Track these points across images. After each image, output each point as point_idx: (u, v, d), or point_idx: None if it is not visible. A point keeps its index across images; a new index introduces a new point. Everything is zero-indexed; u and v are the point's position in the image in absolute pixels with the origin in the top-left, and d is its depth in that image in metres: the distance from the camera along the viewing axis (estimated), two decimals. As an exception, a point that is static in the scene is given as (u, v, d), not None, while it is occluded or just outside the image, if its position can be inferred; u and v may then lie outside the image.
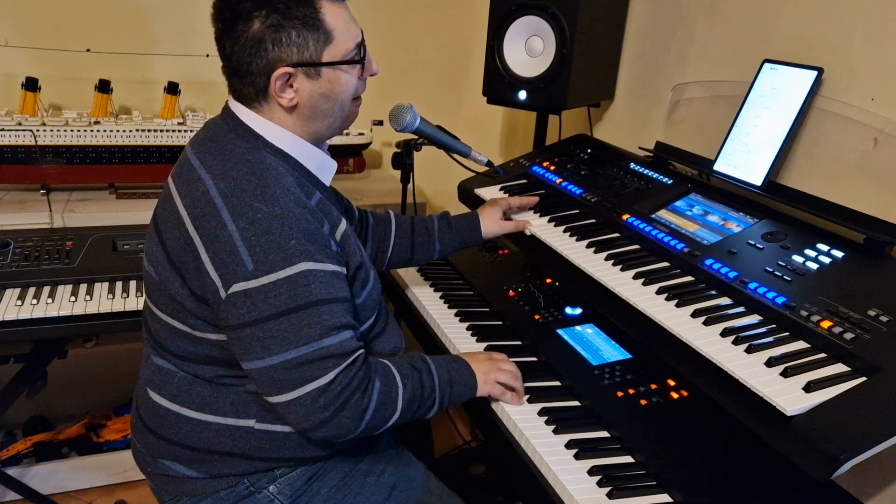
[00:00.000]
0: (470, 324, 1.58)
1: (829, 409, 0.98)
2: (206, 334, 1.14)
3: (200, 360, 1.18)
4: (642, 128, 2.05)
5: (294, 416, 1.09)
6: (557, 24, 1.85)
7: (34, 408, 2.33)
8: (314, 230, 1.10)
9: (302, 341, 1.05)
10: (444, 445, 2.38)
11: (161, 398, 1.21)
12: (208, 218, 1.07)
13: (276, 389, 1.07)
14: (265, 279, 1.04)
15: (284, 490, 1.21)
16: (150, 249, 1.19)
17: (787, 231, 1.36)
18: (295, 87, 1.12)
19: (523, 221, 1.64)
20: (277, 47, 1.08)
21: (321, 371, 1.06)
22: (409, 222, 1.61)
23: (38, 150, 2.11)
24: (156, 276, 1.16)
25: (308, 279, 1.06)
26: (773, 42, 1.63)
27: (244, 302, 1.05)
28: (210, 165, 1.12)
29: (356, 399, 1.09)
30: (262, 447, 1.19)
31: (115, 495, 2.19)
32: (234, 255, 1.04)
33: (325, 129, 1.21)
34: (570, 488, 1.09)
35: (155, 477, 1.27)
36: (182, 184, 1.14)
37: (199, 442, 1.19)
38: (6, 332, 1.74)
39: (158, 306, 1.18)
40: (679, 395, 1.31)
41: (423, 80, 2.72)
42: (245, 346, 1.07)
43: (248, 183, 1.08)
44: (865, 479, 1.24)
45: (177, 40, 2.33)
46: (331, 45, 1.12)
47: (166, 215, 1.15)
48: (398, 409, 1.16)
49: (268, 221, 1.05)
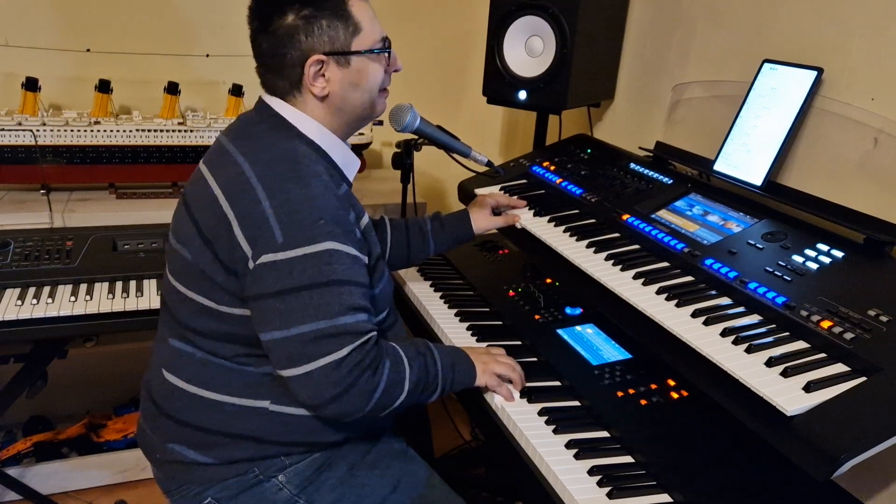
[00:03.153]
0: (470, 324, 1.58)
1: (829, 409, 0.98)
2: (232, 309, 1.17)
3: (222, 337, 1.20)
4: (642, 128, 2.06)
5: (305, 392, 1.11)
6: (557, 24, 1.85)
7: (34, 408, 2.32)
8: (341, 216, 1.16)
9: (320, 316, 1.09)
10: (444, 445, 2.38)
11: (177, 379, 1.24)
12: (243, 196, 1.13)
13: (291, 362, 1.10)
14: (292, 252, 1.09)
15: (293, 479, 1.23)
16: (179, 230, 1.23)
17: (787, 231, 1.36)
18: (326, 77, 1.20)
19: (513, 215, 1.68)
20: (310, 37, 1.17)
21: (336, 347, 1.10)
22: (403, 224, 1.64)
23: (38, 150, 2.11)
24: (186, 255, 1.20)
25: (332, 258, 1.11)
26: (773, 42, 1.63)
27: (270, 273, 1.09)
28: (246, 151, 1.18)
29: (367, 377, 1.12)
30: (276, 430, 1.21)
31: (115, 495, 2.19)
32: (265, 228, 1.10)
33: (354, 120, 1.28)
34: (570, 488, 1.09)
35: (163, 465, 1.28)
36: (216, 167, 1.20)
37: (213, 423, 1.21)
38: (6, 332, 1.74)
39: (185, 284, 1.21)
40: (679, 395, 1.31)
41: (423, 80, 2.72)
42: (265, 317, 1.11)
43: (282, 166, 1.15)
44: (865, 479, 1.24)
45: (177, 40, 2.33)
46: (359, 35, 1.21)
47: (198, 196, 1.20)
48: (405, 389, 1.19)
49: (299, 201, 1.11)
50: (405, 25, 2.67)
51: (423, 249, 1.64)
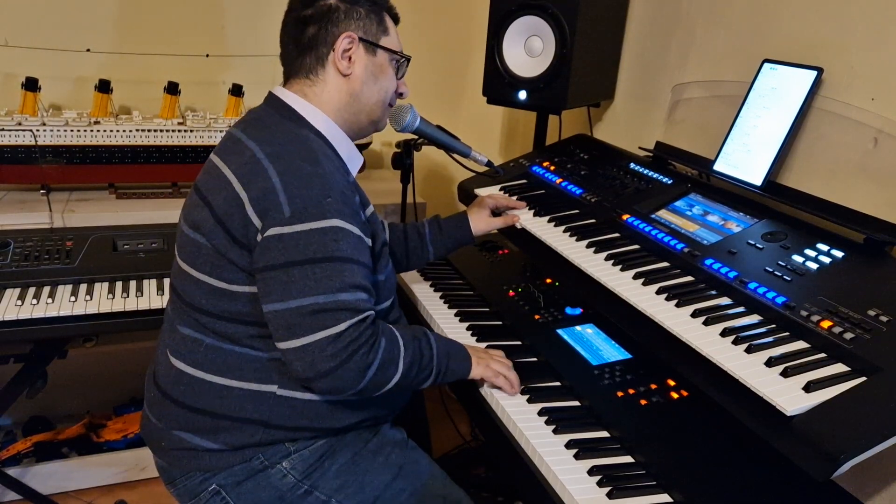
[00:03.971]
0: (470, 324, 1.58)
1: (829, 409, 0.98)
2: (243, 287, 1.19)
3: (233, 318, 1.22)
4: (642, 128, 2.06)
5: (301, 364, 1.13)
6: (557, 24, 1.85)
7: (34, 408, 2.32)
8: (349, 196, 1.19)
9: (321, 290, 1.11)
10: (444, 445, 2.38)
11: (185, 365, 1.25)
12: (255, 176, 1.15)
13: (289, 333, 1.12)
14: (299, 227, 1.12)
15: (297, 465, 1.24)
16: (191, 215, 1.24)
17: (787, 231, 1.36)
18: (353, 59, 1.27)
19: (512, 216, 1.69)
20: (348, 18, 1.25)
21: (334, 321, 1.11)
22: (401, 229, 1.65)
23: (38, 150, 2.11)
24: (199, 237, 1.21)
25: (338, 235, 1.14)
26: (773, 42, 1.63)
27: (276, 244, 1.12)
28: (257, 138, 1.21)
29: (363, 353, 1.14)
30: (283, 414, 1.22)
31: (115, 495, 2.19)
32: (274, 202, 1.13)
33: (362, 118, 1.33)
34: (570, 488, 1.09)
35: (167, 452, 1.28)
36: (228, 154, 1.22)
37: (220, 407, 1.22)
38: (6, 332, 1.74)
39: (197, 267, 1.22)
40: (679, 395, 1.31)
41: (423, 80, 2.71)
42: (268, 288, 1.14)
43: (294, 147, 1.19)
44: (865, 479, 1.24)
45: (177, 40, 2.33)
46: (387, 36, 1.32)
47: (211, 182, 1.22)
48: (399, 370, 1.20)
49: (309, 178, 1.15)
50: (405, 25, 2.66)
51: (421, 256, 1.65)
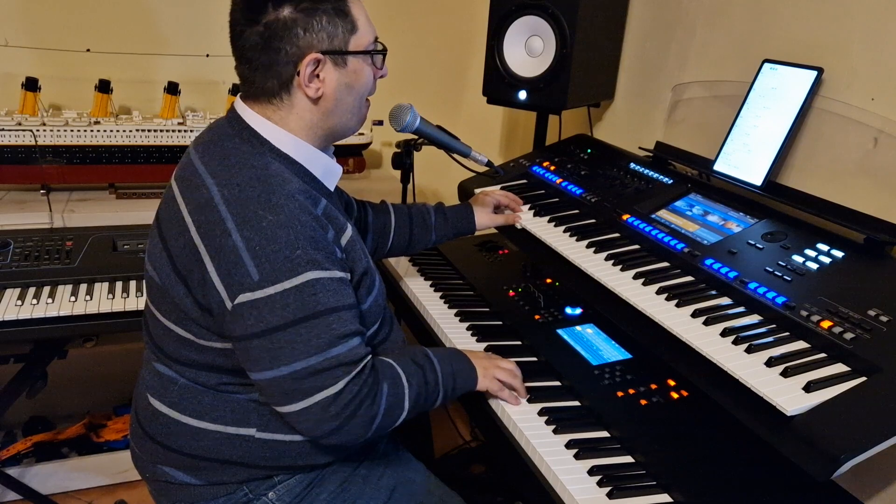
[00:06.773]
0: (470, 324, 1.58)
1: (829, 409, 0.98)
2: (211, 342, 1.13)
3: (204, 367, 1.17)
4: (642, 128, 2.05)
5: (305, 426, 1.09)
6: (557, 24, 1.85)
7: (34, 408, 2.32)
8: (319, 237, 1.08)
9: (311, 351, 1.05)
10: (444, 445, 2.38)
11: (161, 405, 1.20)
12: (213, 226, 1.06)
13: (287, 399, 1.07)
14: (271, 289, 1.03)
15: (283, 497, 1.21)
16: (152, 252, 1.18)
17: (787, 231, 1.36)
18: (322, 77, 1.12)
19: (513, 216, 1.69)
20: (309, 33, 1.08)
21: (331, 380, 1.06)
22: (406, 214, 1.63)
23: (38, 150, 2.11)
24: (159, 281, 1.15)
25: (315, 288, 1.05)
26: (773, 42, 1.63)
27: (251, 313, 1.04)
28: (214, 171, 1.10)
29: (366, 406, 1.09)
30: (263, 455, 1.18)
31: (115, 495, 2.18)
32: (239, 265, 1.03)
33: (342, 127, 1.20)
34: (570, 488, 1.09)
35: (154, 482, 1.26)
36: (186, 188, 1.13)
37: (198, 450, 1.18)
38: (6, 332, 1.74)
39: (161, 311, 1.17)
40: (679, 395, 1.31)
41: (423, 80, 2.72)
42: (253, 357, 1.06)
43: (252, 190, 1.07)
44: (865, 479, 1.24)
45: (177, 40, 2.33)
46: (356, 34, 1.13)
47: (170, 218, 1.14)
48: (405, 409, 1.17)
49: (273, 230, 1.04)
50: (405, 25, 2.67)
51: (424, 240, 1.64)
